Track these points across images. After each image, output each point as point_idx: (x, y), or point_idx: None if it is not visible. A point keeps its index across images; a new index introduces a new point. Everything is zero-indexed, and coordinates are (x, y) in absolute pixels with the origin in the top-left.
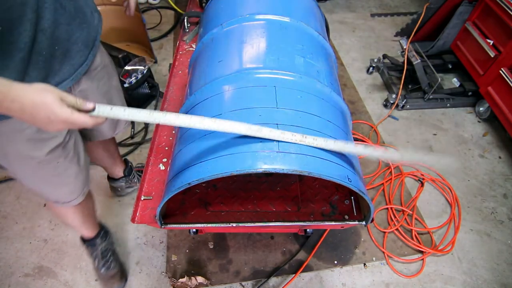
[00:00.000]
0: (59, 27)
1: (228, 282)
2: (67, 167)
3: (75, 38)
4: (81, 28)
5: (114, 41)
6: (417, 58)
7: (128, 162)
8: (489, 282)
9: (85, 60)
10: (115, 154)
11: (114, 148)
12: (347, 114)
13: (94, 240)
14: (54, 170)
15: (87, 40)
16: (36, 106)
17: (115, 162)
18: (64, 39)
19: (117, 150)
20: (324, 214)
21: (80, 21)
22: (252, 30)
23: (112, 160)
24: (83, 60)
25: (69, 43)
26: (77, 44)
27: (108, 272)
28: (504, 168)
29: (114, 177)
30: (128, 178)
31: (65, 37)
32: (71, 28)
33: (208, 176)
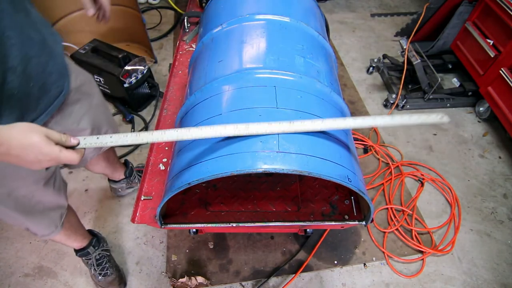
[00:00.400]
0: (31, 62)
1: (228, 282)
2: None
3: (49, 69)
4: (52, 57)
5: (114, 41)
6: (417, 58)
7: (129, 163)
8: (489, 282)
9: (62, 90)
10: (115, 161)
11: (113, 156)
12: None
13: (86, 249)
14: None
15: (60, 69)
16: (24, 148)
17: (115, 168)
18: (38, 73)
19: (116, 156)
20: (324, 214)
21: (49, 50)
22: (252, 30)
23: (112, 168)
24: (59, 91)
25: (44, 76)
26: (52, 75)
27: (105, 279)
28: (504, 168)
29: (115, 179)
30: (129, 179)
31: (39, 70)
32: (44, 60)
33: (208, 176)
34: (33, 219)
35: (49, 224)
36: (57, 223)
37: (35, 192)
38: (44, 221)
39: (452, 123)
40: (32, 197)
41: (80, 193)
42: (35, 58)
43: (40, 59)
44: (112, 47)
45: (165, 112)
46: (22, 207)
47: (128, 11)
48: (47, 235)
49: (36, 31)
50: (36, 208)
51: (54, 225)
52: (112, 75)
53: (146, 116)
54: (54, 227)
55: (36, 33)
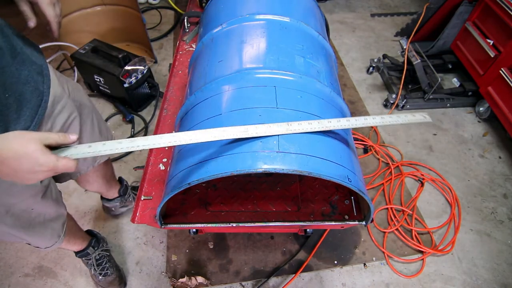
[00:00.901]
0: (3, 72)
1: (228, 282)
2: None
3: (23, 78)
4: (25, 65)
5: (114, 41)
6: (417, 58)
7: (123, 180)
8: (489, 282)
9: (42, 98)
10: (112, 178)
11: (111, 172)
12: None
13: (85, 250)
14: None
15: (37, 76)
16: (19, 157)
17: (111, 186)
18: (13, 83)
19: (113, 171)
20: (324, 214)
21: (22, 57)
22: (252, 30)
23: (108, 185)
24: (40, 99)
25: (20, 85)
26: (29, 83)
27: (106, 279)
28: (504, 168)
29: (108, 197)
30: (123, 197)
31: (13, 80)
32: (16, 68)
33: (208, 176)
34: (34, 233)
35: (51, 235)
36: (60, 232)
37: (34, 205)
38: (46, 233)
39: (452, 123)
40: (31, 211)
41: (80, 193)
42: (6, 68)
43: (12, 68)
44: (112, 47)
45: (165, 112)
46: (22, 222)
47: (128, 11)
48: (51, 246)
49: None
50: (37, 221)
51: (57, 235)
52: (112, 75)
53: (146, 116)
54: (57, 237)
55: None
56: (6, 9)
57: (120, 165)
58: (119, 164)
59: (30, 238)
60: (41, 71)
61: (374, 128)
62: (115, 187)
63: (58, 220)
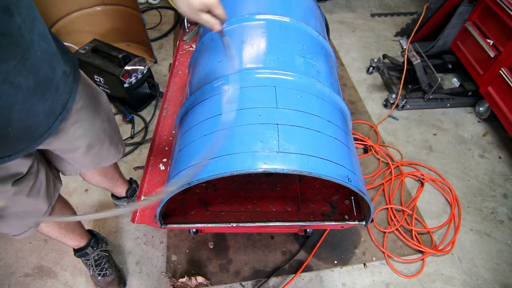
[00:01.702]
0: (12, 109)
1: (228, 282)
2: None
3: (35, 112)
4: (45, 99)
5: (114, 41)
6: (417, 58)
7: (133, 182)
8: (489, 282)
9: (48, 129)
10: (115, 177)
11: (112, 171)
12: (347, 114)
13: (84, 249)
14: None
15: (52, 109)
16: None
17: (115, 184)
18: (20, 118)
19: (118, 171)
20: (324, 214)
21: (43, 92)
22: (252, 30)
23: (111, 183)
24: (44, 131)
25: (27, 119)
26: (38, 117)
27: (105, 279)
28: (504, 168)
29: (117, 195)
30: (130, 199)
31: (22, 115)
32: (30, 105)
33: (208, 176)
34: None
35: (20, 226)
36: (30, 224)
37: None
38: (14, 224)
39: (452, 123)
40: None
41: (80, 193)
42: (18, 105)
43: (25, 105)
44: (112, 47)
45: (165, 112)
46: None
47: (128, 11)
48: (18, 235)
49: (32, 74)
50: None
51: (26, 226)
52: (112, 75)
53: (146, 116)
54: (26, 228)
55: (26, 80)
56: None
57: (120, 165)
58: (119, 164)
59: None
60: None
61: (374, 128)
62: (121, 186)
63: (31, 214)
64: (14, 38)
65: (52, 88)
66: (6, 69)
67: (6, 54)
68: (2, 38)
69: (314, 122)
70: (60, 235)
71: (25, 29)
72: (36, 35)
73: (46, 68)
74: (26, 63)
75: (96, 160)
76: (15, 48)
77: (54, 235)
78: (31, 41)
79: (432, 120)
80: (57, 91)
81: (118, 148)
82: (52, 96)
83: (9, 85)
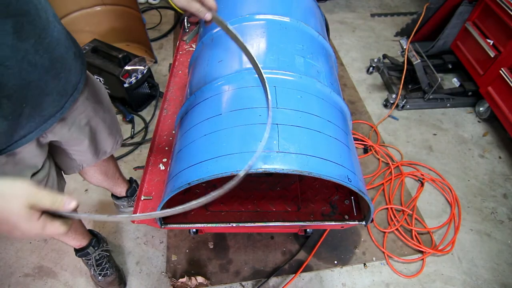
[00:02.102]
0: (29, 86)
1: (228, 282)
2: None
3: (48, 90)
4: (58, 78)
5: (114, 41)
6: (417, 58)
7: (133, 182)
8: (489, 282)
9: (60, 109)
10: (116, 176)
11: (113, 170)
12: (347, 114)
13: (85, 249)
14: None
15: (64, 89)
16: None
17: (116, 183)
18: (35, 95)
19: (118, 170)
20: (324, 214)
21: (57, 71)
22: (252, 30)
23: (111, 182)
24: (56, 110)
25: (41, 97)
26: (52, 95)
27: (105, 279)
28: (504, 168)
29: (117, 195)
30: (130, 198)
31: (36, 92)
32: (44, 82)
33: (208, 176)
34: None
35: None
36: None
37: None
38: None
39: (452, 123)
40: None
41: (80, 193)
42: (34, 82)
43: (40, 82)
44: (112, 47)
45: (165, 112)
46: None
47: (128, 11)
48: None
49: (47, 53)
50: None
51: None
52: (112, 75)
53: (146, 116)
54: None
55: (42, 58)
56: None
57: (120, 165)
58: (119, 164)
59: None
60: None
61: (374, 128)
62: (121, 185)
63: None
64: (32, 18)
65: (66, 68)
66: (26, 47)
67: (25, 33)
68: (22, 18)
69: (314, 122)
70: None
71: (42, 9)
72: (51, 16)
73: (61, 48)
74: (43, 42)
75: (97, 151)
76: (34, 27)
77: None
78: (48, 21)
79: (432, 120)
80: (70, 71)
81: (116, 139)
82: (66, 76)
83: (27, 63)
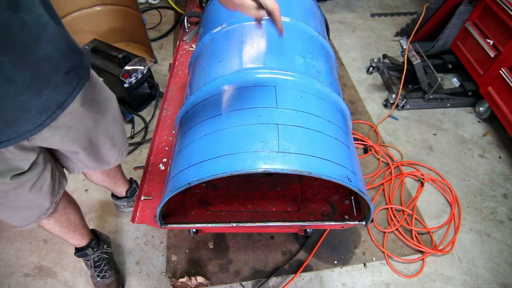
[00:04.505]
0: (3, 101)
1: (228, 282)
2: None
3: (28, 106)
4: (40, 96)
5: (114, 41)
6: (417, 58)
7: (133, 182)
8: (489, 282)
9: (38, 126)
10: (117, 176)
11: (115, 170)
12: (347, 114)
13: (84, 250)
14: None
15: (46, 106)
16: None
17: (117, 183)
18: (9, 111)
19: (120, 171)
20: (324, 214)
21: (40, 87)
22: (252, 30)
23: (113, 182)
24: (33, 127)
25: (17, 114)
26: (30, 112)
27: (103, 281)
28: (504, 168)
29: (117, 195)
30: (130, 199)
31: (12, 108)
32: (22, 99)
33: (208, 176)
34: (4, 210)
35: (21, 219)
36: (32, 219)
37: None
38: (15, 216)
39: (452, 123)
40: (4, 196)
41: (80, 193)
42: (8, 98)
43: (17, 98)
44: (112, 47)
45: (165, 112)
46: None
47: (128, 11)
48: (20, 227)
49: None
50: (8, 204)
51: (27, 220)
52: (112, 75)
53: (146, 116)
54: (26, 222)
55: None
56: None
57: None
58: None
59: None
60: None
61: (374, 128)
62: (122, 185)
63: (35, 209)
64: (15, 34)
65: (50, 86)
66: (2, 61)
67: (3, 47)
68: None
69: (314, 122)
70: (61, 233)
71: (33, 27)
72: (47, 35)
73: (49, 67)
74: (25, 59)
75: (99, 162)
76: (14, 43)
77: (55, 231)
78: (38, 40)
79: (432, 120)
80: (56, 89)
81: (121, 151)
82: (49, 93)
83: (3, 78)
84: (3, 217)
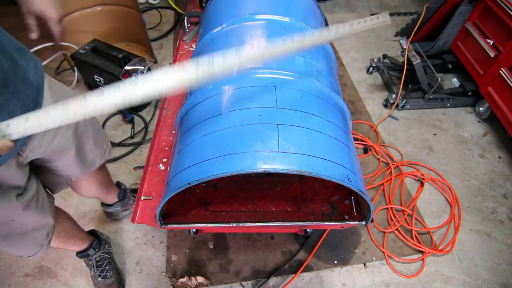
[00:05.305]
0: None
1: (228, 282)
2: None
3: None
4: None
5: (114, 41)
6: (417, 58)
7: (121, 185)
8: (489, 282)
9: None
10: (109, 183)
11: (107, 177)
12: (347, 114)
13: (86, 251)
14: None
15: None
16: None
17: (109, 191)
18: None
19: (109, 177)
20: (324, 214)
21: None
22: (252, 30)
23: (106, 190)
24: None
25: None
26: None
27: (104, 281)
28: (504, 168)
29: (109, 203)
30: (123, 202)
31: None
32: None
33: (208, 176)
34: (13, 242)
35: (33, 245)
36: (43, 241)
37: (15, 216)
38: (27, 243)
39: (452, 123)
40: (12, 222)
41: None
42: None
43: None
44: (112, 47)
45: (165, 112)
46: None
47: (128, 11)
48: (33, 255)
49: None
50: (17, 232)
51: (38, 244)
52: (112, 75)
53: (146, 116)
54: (39, 247)
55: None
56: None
57: (120, 165)
58: (119, 164)
59: (8, 248)
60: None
61: (374, 128)
62: (113, 192)
63: (42, 230)
64: None
65: (19, 81)
66: None
67: None
68: None
69: (314, 122)
70: (61, 244)
71: None
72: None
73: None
74: None
75: (85, 164)
76: None
77: (55, 244)
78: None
79: (432, 120)
80: (25, 84)
81: (103, 148)
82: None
83: None
84: (13, 250)
